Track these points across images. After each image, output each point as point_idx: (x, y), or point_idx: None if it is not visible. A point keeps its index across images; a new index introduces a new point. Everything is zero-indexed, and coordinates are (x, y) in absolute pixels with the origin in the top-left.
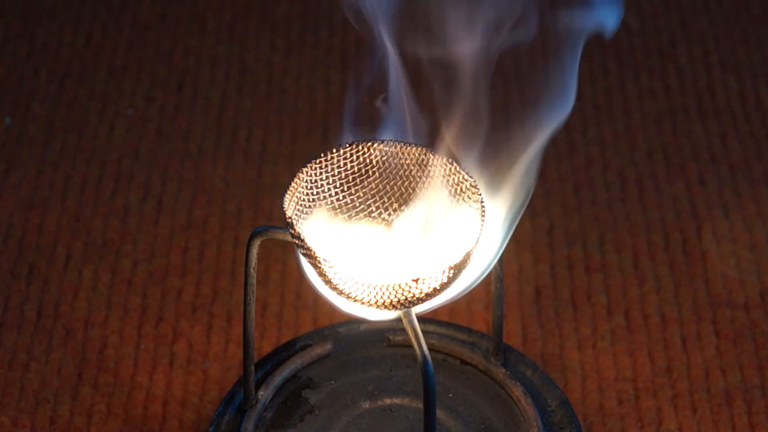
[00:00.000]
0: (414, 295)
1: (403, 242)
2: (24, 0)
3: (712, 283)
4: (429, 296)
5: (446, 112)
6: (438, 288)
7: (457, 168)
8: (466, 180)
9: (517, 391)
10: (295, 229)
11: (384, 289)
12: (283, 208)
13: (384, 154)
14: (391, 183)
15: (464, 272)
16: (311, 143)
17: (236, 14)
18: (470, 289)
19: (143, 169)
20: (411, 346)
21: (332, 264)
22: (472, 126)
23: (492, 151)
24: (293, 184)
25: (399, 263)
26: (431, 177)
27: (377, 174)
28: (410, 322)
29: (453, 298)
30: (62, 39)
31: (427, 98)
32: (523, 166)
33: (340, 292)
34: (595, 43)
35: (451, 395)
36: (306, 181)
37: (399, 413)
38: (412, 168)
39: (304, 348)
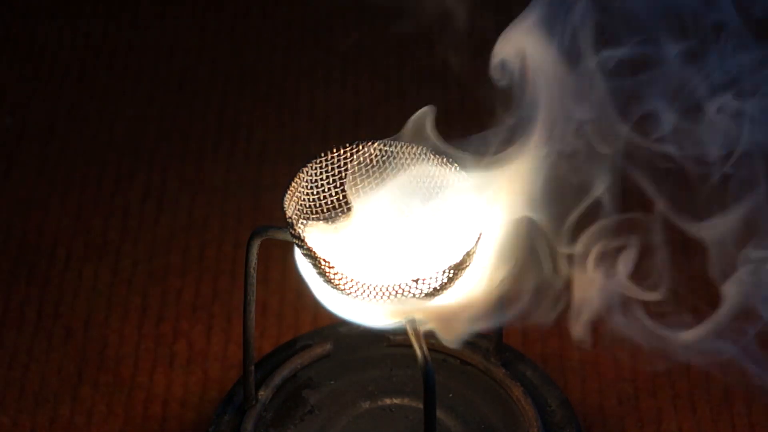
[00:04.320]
0: (414, 296)
1: (403, 242)
2: (24, 0)
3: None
4: (429, 296)
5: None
6: (438, 288)
7: (457, 168)
8: (467, 180)
9: (517, 391)
10: (295, 229)
11: (384, 289)
12: (283, 208)
13: (384, 154)
14: (392, 183)
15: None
16: (311, 143)
17: (236, 14)
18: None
19: (143, 169)
20: (411, 346)
21: (333, 264)
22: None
23: None
24: (293, 184)
25: (399, 263)
26: (431, 177)
27: (377, 174)
28: (410, 322)
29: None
30: (62, 39)
31: None
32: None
33: (341, 292)
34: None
35: (451, 395)
36: (306, 181)
37: (399, 413)
38: (412, 168)
39: (304, 348)
